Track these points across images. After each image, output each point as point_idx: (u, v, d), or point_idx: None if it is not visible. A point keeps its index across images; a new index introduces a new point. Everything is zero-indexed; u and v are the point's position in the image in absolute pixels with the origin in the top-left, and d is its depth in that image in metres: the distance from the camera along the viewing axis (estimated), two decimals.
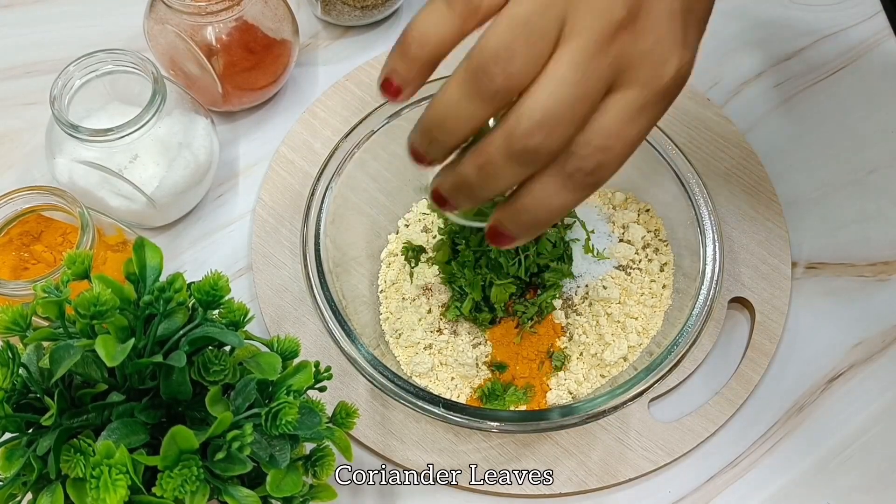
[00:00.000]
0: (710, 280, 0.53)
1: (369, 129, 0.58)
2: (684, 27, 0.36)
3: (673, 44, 0.35)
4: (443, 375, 0.56)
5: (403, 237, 0.61)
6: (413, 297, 0.58)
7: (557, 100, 0.34)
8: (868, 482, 0.55)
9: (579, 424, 0.49)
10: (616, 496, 0.55)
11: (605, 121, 0.35)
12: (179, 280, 0.40)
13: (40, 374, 0.40)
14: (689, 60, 0.36)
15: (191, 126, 0.61)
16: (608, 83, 0.35)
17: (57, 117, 0.55)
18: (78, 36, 0.72)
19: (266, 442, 0.40)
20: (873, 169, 0.67)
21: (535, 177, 0.36)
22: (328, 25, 0.73)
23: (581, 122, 0.35)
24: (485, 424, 0.49)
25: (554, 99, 0.34)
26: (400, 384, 0.50)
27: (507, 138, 0.34)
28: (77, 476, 0.38)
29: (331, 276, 0.54)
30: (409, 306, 0.58)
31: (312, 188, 0.57)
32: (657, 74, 0.35)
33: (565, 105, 0.34)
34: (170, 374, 0.40)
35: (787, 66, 0.71)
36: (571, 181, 0.35)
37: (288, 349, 0.43)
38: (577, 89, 0.34)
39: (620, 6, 0.34)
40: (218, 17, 0.61)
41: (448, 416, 0.49)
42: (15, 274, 0.54)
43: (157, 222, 0.63)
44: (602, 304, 0.57)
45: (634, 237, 0.59)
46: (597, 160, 0.35)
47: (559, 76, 0.34)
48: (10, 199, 0.52)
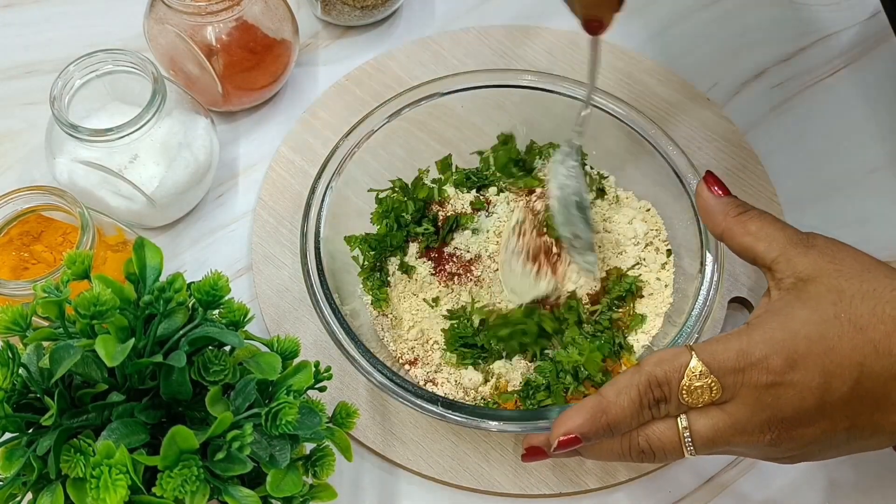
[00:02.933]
0: (710, 280, 0.53)
1: (369, 129, 0.58)
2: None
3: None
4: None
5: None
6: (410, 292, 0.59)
7: None
8: (868, 482, 0.55)
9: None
10: (616, 496, 0.55)
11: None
12: (179, 280, 0.40)
13: (40, 374, 0.40)
14: None
15: (191, 126, 0.61)
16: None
17: (57, 117, 0.55)
18: (78, 36, 0.72)
19: (266, 442, 0.40)
20: (873, 169, 0.67)
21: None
22: (328, 25, 0.73)
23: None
24: (484, 423, 0.49)
25: None
26: (398, 382, 0.50)
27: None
28: (77, 476, 0.38)
29: (331, 277, 0.54)
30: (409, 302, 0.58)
31: (312, 187, 0.57)
32: None
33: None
34: (170, 374, 0.40)
35: (787, 66, 0.71)
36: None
37: (288, 349, 0.43)
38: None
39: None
40: (218, 17, 0.61)
41: (447, 414, 0.49)
42: (15, 274, 0.54)
43: (157, 222, 0.63)
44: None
45: (637, 234, 0.59)
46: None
47: None
48: (10, 199, 0.52)
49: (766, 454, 0.42)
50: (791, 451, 0.41)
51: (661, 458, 0.43)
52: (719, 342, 0.41)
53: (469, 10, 0.74)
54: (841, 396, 0.39)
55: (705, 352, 0.41)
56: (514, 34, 0.71)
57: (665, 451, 0.42)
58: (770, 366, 0.39)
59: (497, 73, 0.61)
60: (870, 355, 0.39)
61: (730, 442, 0.41)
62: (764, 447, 0.41)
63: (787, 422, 0.40)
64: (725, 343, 0.41)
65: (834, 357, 0.39)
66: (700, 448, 0.42)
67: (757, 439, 0.40)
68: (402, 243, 0.59)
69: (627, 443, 0.43)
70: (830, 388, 0.39)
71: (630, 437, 0.43)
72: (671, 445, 0.42)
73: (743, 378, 0.40)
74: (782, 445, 0.40)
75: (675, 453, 0.42)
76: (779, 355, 0.39)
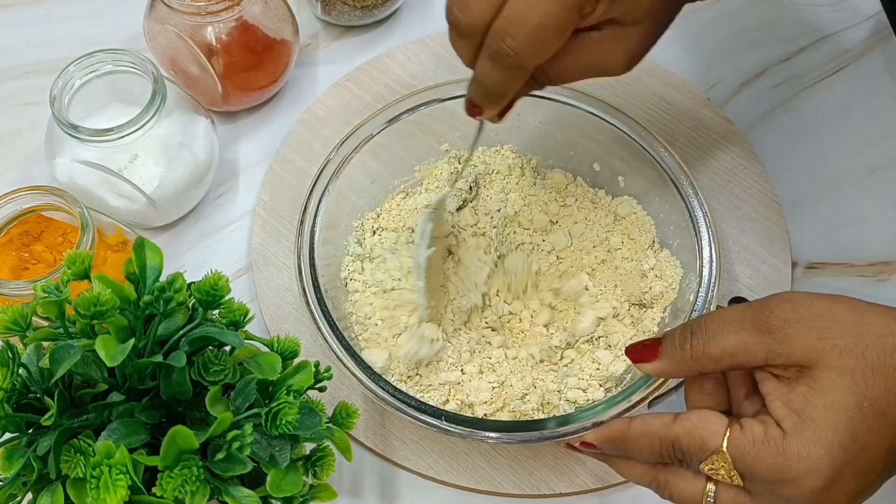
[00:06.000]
0: (708, 281, 0.53)
1: (369, 133, 0.58)
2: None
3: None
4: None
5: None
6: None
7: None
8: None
9: (579, 433, 0.48)
10: (616, 496, 0.55)
11: None
12: (179, 280, 0.40)
13: (40, 374, 0.40)
14: None
15: (191, 126, 0.61)
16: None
17: (57, 117, 0.55)
18: (78, 36, 0.72)
19: (266, 442, 0.40)
20: (873, 169, 0.67)
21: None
22: (328, 25, 0.73)
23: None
24: (482, 435, 0.49)
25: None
26: (400, 398, 0.50)
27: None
28: (77, 476, 0.38)
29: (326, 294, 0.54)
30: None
31: (311, 188, 0.56)
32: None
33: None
34: (170, 374, 0.40)
35: (787, 66, 0.71)
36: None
37: (288, 349, 0.43)
38: None
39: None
40: (218, 17, 0.61)
41: (446, 427, 0.49)
42: (15, 274, 0.54)
43: (158, 222, 0.63)
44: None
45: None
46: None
47: None
48: (10, 199, 0.52)
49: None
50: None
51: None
52: (754, 445, 0.39)
53: None
54: (871, 482, 0.40)
55: (737, 449, 0.40)
56: None
57: (686, 502, 0.43)
58: (807, 484, 0.39)
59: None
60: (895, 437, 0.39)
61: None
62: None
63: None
64: (757, 450, 0.39)
65: (867, 454, 0.39)
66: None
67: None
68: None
69: (652, 476, 0.43)
70: (864, 483, 0.39)
71: (657, 478, 0.43)
72: (692, 500, 0.42)
73: (773, 488, 0.39)
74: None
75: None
76: (818, 475, 0.38)
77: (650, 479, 0.44)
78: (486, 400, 0.53)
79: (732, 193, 0.64)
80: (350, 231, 0.60)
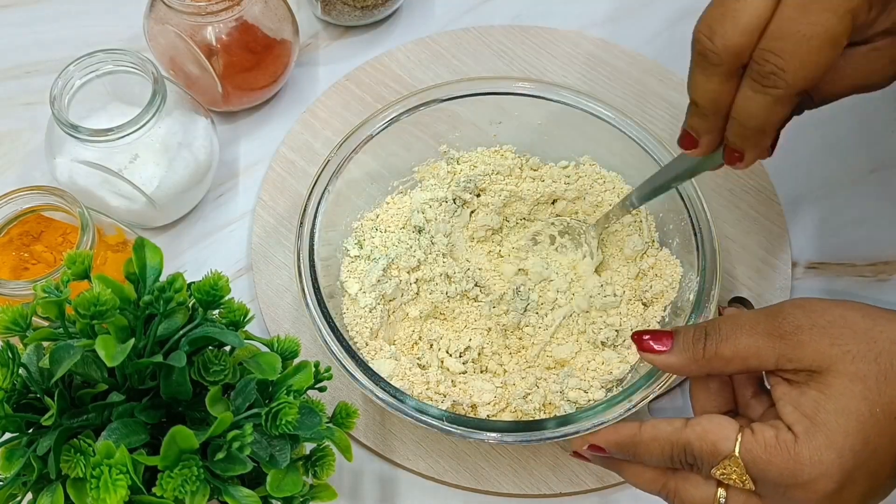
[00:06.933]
0: (708, 280, 0.53)
1: (369, 133, 0.58)
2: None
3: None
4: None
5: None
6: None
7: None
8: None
9: (579, 433, 0.48)
10: (616, 496, 0.55)
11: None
12: (179, 280, 0.40)
13: (40, 374, 0.40)
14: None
15: (191, 126, 0.61)
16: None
17: (57, 117, 0.55)
18: (78, 36, 0.72)
19: (266, 442, 0.40)
20: (873, 169, 0.67)
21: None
22: (328, 25, 0.73)
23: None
24: (483, 435, 0.49)
25: None
26: (399, 398, 0.50)
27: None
28: (77, 476, 0.38)
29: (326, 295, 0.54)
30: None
31: (311, 188, 0.56)
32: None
33: None
34: (170, 374, 0.40)
35: None
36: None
37: (288, 349, 0.43)
38: None
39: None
40: (218, 17, 0.60)
41: (446, 427, 0.49)
42: (15, 274, 0.54)
43: (158, 222, 0.63)
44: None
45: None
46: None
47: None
48: (10, 199, 0.52)
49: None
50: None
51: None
52: (766, 450, 0.39)
53: (469, 10, 0.74)
54: (882, 486, 0.40)
55: (749, 453, 0.40)
56: (513, 34, 0.71)
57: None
58: (818, 488, 0.39)
59: (494, 82, 0.60)
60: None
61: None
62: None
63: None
64: (769, 454, 0.39)
65: (878, 459, 0.39)
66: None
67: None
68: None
69: (662, 483, 0.43)
70: (875, 486, 0.40)
71: (666, 486, 0.43)
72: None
73: (784, 492, 0.39)
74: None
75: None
76: (830, 479, 0.39)
77: (659, 487, 0.43)
78: (490, 401, 0.53)
79: (732, 193, 0.64)
80: (350, 232, 0.60)
